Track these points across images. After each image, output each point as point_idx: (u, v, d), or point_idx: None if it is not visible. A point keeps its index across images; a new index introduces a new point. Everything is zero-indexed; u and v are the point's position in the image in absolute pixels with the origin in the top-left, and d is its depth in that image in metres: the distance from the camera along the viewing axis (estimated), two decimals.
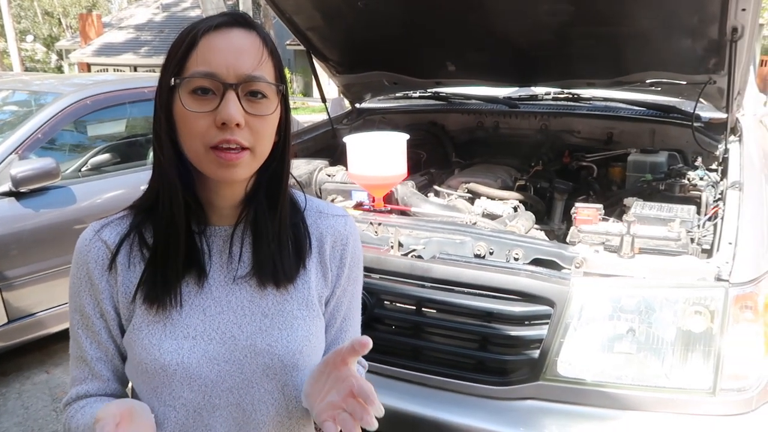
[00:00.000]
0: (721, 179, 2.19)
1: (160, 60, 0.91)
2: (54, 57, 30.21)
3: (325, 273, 1.01)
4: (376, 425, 0.79)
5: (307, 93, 21.14)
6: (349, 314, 1.06)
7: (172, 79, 0.86)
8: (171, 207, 0.89)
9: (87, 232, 0.94)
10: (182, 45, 0.87)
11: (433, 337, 1.71)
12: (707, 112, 2.65)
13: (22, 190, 3.08)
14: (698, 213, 1.98)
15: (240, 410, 0.92)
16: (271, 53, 0.90)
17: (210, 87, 0.85)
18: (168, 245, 0.89)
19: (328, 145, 3.01)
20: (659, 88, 2.65)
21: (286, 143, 0.95)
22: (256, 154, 0.88)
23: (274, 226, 0.95)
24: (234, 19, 0.88)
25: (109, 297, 0.92)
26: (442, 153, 3.14)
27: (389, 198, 2.25)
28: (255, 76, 0.86)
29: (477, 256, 1.71)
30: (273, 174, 0.95)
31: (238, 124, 0.84)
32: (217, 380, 0.90)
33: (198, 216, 0.93)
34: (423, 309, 1.70)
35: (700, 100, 2.48)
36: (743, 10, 1.95)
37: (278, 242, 0.95)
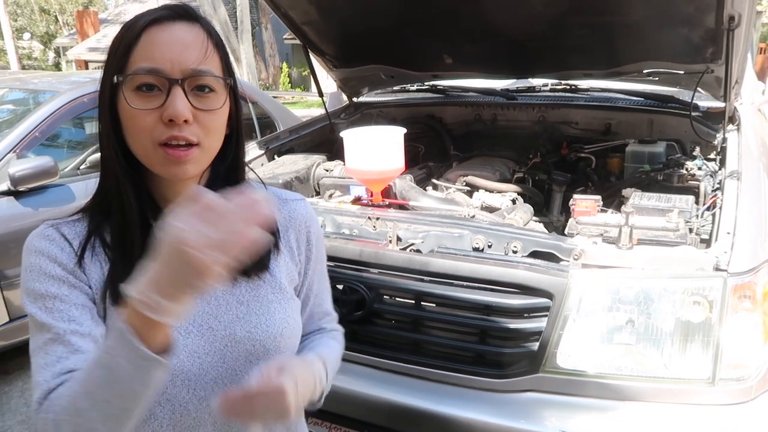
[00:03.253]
0: (720, 169, 2.18)
1: None
2: (51, 54, 30.12)
3: (293, 257, 1.02)
4: None
5: (305, 87, 21.10)
6: (320, 290, 1.10)
7: (115, 76, 0.84)
8: (122, 207, 0.87)
9: (40, 227, 0.90)
10: (122, 41, 0.85)
11: (433, 330, 1.71)
12: (705, 101, 2.64)
13: (21, 189, 3.07)
14: (696, 203, 1.97)
15: None
16: (217, 45, 0.89)
17: (155, 83, 0.83)
18: (124, 245, 0.87)
19: (326, 140, 3.01)
20: (657, 78, 2.64)
21: (239, 135, 0.95)
22: (206, 149, 0.87)
23: None
24: (176, 12, 0.87)
25: (77, 275, 0.86)
26: (440, 146, 3.13)
27: (387, 192, 2.25)
28: (201, 70, 0.85)
29: (475, 249, 1.71)
30: (229, 167, 0.94)
31: (186, 120, 0.83)
32: (200, 373, 0.89)
33: (154, 212, 0.90)
34: (422, 303, 1.70)
35: (698, 89, 2.47)
36: None
37: None
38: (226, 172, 0.95)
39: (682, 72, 2.50)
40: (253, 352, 0.92)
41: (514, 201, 2.32)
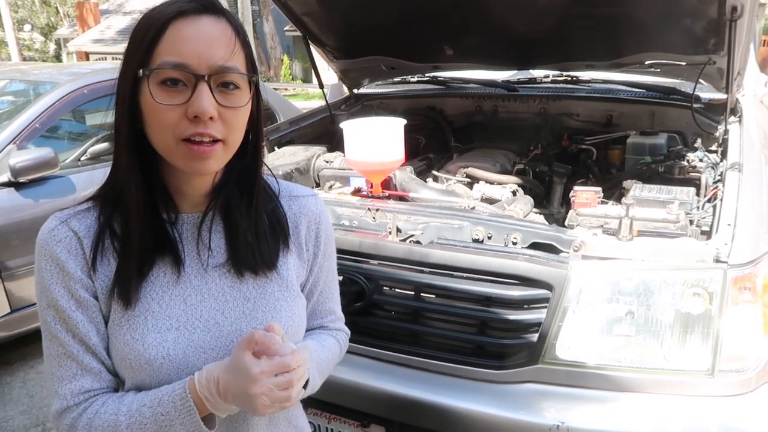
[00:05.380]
0: (721, 160, 2.17)
1: None
2: (52, 46, 30.05)
3: (300, 253, 1.02)
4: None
5: (306, 79, 21.04)
6: (326, 288, 1.10)
7: (140, 70, 0.83)
8: (132, 199, 0.87)
9: (50, 222, 0.89)
10: (148, 32, 0.83)
11: (433, 322, 1.71)
12: (707, 92, 2.63)
13: (21, 180, 3.08)
14: (697, 195, 1.97)
15: None
16: (243, 42, 0.88)
17: (180, 78, 0.82)
18: (131, 238, 0.87)
19: (326, 131, 3.00)
20: (658, 70, 2.62)
21: (259, 133, 0.95)
22: (229, 145, 0.87)
23: (251, 216, 0.94)
24: (202, 5, 0.85)
25: (85, 286, 0.88)
26: (441, 138, 3.13)
27: (387, 183, 2.25)
28: (227, 66, 0.84)
29: (475, 240, 1.71)
30: (247, 164, 0.94)
31: (211, 117, 0.83)
32: None
33: (167, 205, 0.91)
34: (422, 294, 1.70)
35: (700, 80, 2.46)
36: None
37: (255, 232, 0.94)
38: (244, 169, 0.95)
39: (684, 63, 2.49)
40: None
41: (514, 192, 2.31)
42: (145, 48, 0.83)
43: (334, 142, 2.79)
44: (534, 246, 1.65)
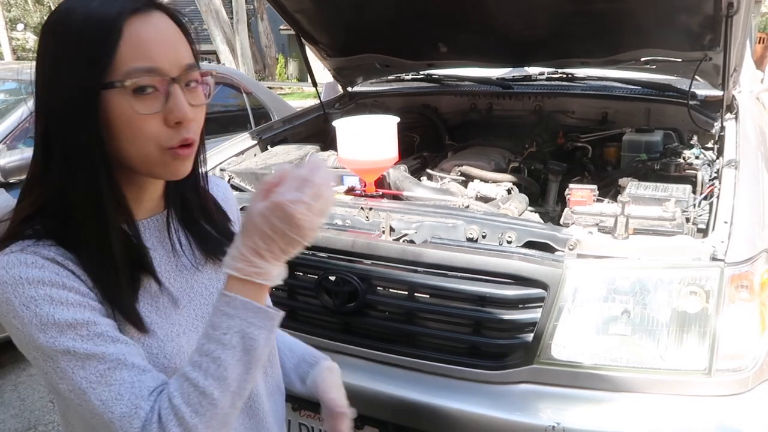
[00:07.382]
0: (717, 158, 2.16)
1: None
2: None
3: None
4: None
5: (302, 78, 20.98)
6: None
7: (110, 81, 0.75)
8: (109, 221, 0.79)
9: (12, 256, 0.75)
10: (97, 36, 0.75)
11: (427, 322, 1.69)
12: (703, 89, 2.61)
13: (12, 180, 3.05)
14: (694, 192, 1.95)
15: None
16: (186, 32, 0.84)
17: (151, 84, 0.77)
18: (116, 261, 0.80)
19: (320, 130, 2.97)
20: (654, 66, 2.61)
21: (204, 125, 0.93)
22: (198, 143, 0.85)
23: (202, 203, 0.95)
24: (150, 1, 0.80)
25: (91, 296, 0.78)
26: (435, 136, 3.11)
27: (381, 182, 2.23)
28: (192, 64, 0.81)
29: (470, 239, 1.69)
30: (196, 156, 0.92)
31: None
32: None
33: (126, 217, 0.85)
34: (416, 294, 1.67)
35: (696, 77, 2.45)
36: None
37: (209, 220, 0.95)
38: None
39: (680, 60, 2.47)
40: None
41: (509, 191, 2.29)
42: (101, 55, 0.75)
43: (327, 140, 2.77)
44: (529, 245, 1.64)
